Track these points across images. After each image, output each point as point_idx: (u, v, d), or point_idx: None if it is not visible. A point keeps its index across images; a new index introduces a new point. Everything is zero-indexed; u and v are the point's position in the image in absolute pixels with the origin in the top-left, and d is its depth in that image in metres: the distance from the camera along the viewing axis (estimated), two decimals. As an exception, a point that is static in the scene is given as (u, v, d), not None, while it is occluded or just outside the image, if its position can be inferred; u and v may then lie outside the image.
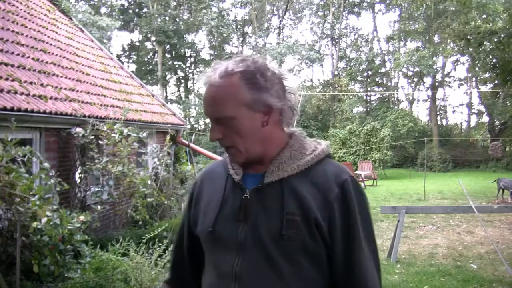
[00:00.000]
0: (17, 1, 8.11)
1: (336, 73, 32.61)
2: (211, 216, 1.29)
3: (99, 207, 5.71)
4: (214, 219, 1.28)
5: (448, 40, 25.91)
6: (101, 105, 7.16)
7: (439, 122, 30.85)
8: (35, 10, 8.60)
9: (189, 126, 13.88)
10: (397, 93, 33.47)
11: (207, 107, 1.25)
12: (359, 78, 33.71)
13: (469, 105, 32.53)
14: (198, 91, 36.73)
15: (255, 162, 1.27)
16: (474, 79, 29.77)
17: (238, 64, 1.22)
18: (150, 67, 34.24)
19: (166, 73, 33.39)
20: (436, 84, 30.39)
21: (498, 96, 25.45)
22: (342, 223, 1.20)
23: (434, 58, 27.41)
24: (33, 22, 7.85)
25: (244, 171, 1.30)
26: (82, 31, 10.39)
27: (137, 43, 35.71)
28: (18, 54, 6.14)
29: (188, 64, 35.46)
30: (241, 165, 1.30)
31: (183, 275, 1.46)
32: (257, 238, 1.21)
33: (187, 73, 35.78)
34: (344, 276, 1.21)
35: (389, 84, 34.31)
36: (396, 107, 30.82)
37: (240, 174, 1.30)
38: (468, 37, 17.39)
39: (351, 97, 29.57)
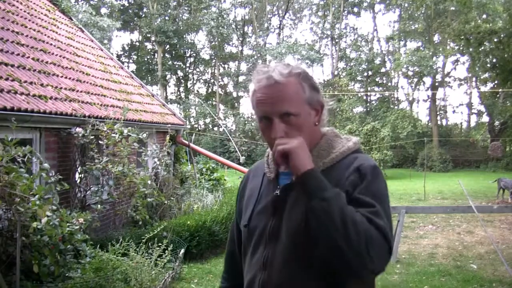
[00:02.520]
0: (17, 1, 8.11)
1: (336, 73, 32.62)
2: (249, 210, 1.43)
3: (99, 207, 5.71)
4: (250, 214, 1.41)
5: (448, 40, 25.91)
6: (101, 105, 7.16)
7: (439, 122, 30.86)
8: (35, 10, 8.60)
9: (189, 126, 13.88)
10: (397, 93, 33.49)
11: (270, 105, 1.28)
12: (359, 78, 33.73)
13: (469, 105, 32.55)
14: (198, 91, 36.75)
15: None
16: (474, 79, 29.77)
17: (293, 66, 1.32)
18: (150, 67, 34.25)
19: (166, 73, 33.40)
20: (436, 84, 30.40)
21: (498, 96, 25.44)
22: (352, 193, 1.23)
23: (434, 58, 27.41)
24: (33, 22, 7.85)
25: (279, 169, 1.37)
26: (82, 31, 10.39)
27: (137, 43, 35.73)
28: (18, 54, 6.14)
29: (188, 64, 35.47)
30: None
31: (235, 268, 1.56)
32: (284, 231, 1.30)
33: (187, 73, 35.79)
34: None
35: (389, 84, 34.31)
36: (396, 107, 30.82)
37: (274, 173, 1.41)
38: (468, 37, 17.38)
39: (351, 97, 29.57)
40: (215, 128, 32.53)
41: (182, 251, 6.01)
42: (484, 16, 21.27)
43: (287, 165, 1.24)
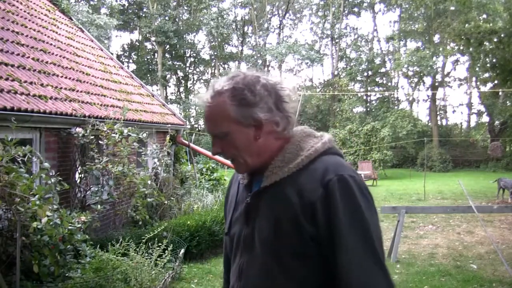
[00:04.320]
0: (17, 1, 8.11)
1: (336, 73, 32.60)
2: (228, 218, 1.43)
3: (99, 207, 5.71)
4: (229, 221, 1.41)
5: (448, 40, 25.90)
6: (101, 105, 7.16)
7: (439, 122, 30.85)
8: (35, 10, 8.60)
9: (189, 126, 13.87)
10: (397, 93, 33.47)
11: (205, 124, 1.34)
12: (359, 78, 33.70)
13: (469, 105, 32.54)
14: (198, 91, 36.73)
15: (257, 171, 1.32)
16: (474, 79, 29.74)
17: (227, 82, 1.28)
18: (150, 67, 34.24)
19: (166, 73, 33.39)
20: (436, 84, 30.39)
21: (498, 96, 25.43)
22: (325, 224, 1.18)
23: (434, 58, 27.41)
24: (33, 22, 7.85)
25: (253, 176, 1.37)
26: (82, 31, 10.39)
27: (137, 43, 35.71)
28: (18, 54, 6.14)
29: (188, 64, 35.46)
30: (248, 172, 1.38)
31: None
32: (254, 241, 1.28)
33: (187, 73, 35.79)
34: (336, 277, 1.18)
35: (389, 84, 34.30)
36: (396, 107, 30.81)
37: (248, 178, 1.38)
38: (468, 37, 17.36)
39: (351, 97, 29.56)
40: (215, 128, 32.42)
41: (182, 251, 6.01)
42: (484, 16, 21.26)
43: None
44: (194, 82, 37.53)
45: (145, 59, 35.20)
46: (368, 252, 1.16)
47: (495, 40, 17.03)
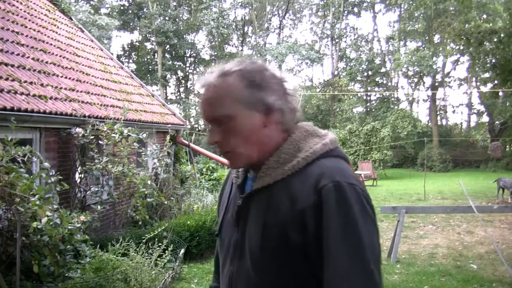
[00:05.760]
0: (17, 1, 8.11)
1: (336, 73, 32.62)
2: (220, 219, 1.31)
3: (99, 207, 5.71)
4: (220, 223, 1.30)
5: (448, 40, 25.91)
6: (101, 105, 7.16)
7: (439, 122, 30.86)
8: (35, 10, 8.59)
9: (189, 126, 13.86)
10: (397, 93, 33.48)
11: (204, 108, 1.18)
12: (359, 78, 33.71)
13: (469, 105, 32.55)
14: (198, 91, 36.69)
15: (254, 165, 1.20)
16: (474, 79, 29.75)
17: (235, 64, 1.19)
18: (150, 67, 34.23)
19: (166, 73, 33.38)
20: (436, 84, 30.41)
21: (498, 96, 25.44)
22: (314, 235, 1.05)
23: (434, 58, 27.43)
24: (33, 22, 7.85)
25: (247, 174, 1.26)
26: (82, 31, 10.39)
27: (137, 43, 35.72)
28: (18, 54, 6.14)
29: (188, 64, 35.47)
30: (245, 167, 1.26)
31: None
32: (243, 247, 1.17)
33: (187, 73, 35.78)
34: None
35: (389, 84, 34.32)
36: (396, 107, 30.83)
37: (241, 178, 1.26)
38: (468, 36, 17.37)
39: (351, 97, 29.58)
40: (215, 128, 32.45)
41: (182, 251, 6.01)
42: (484, 16, 21.27)
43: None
44: (194, 82, 37.52)
45: (145, 59, 35.21)
46: (358, 275, 1.01)
47: (495, 40, 17.03)
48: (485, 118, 30.01)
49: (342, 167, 1.13)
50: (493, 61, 18.58)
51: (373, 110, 32.23)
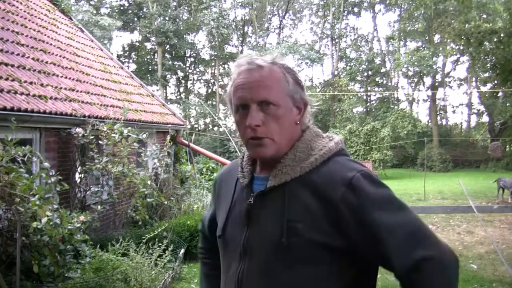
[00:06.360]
0: (17, 1, 8.11)
1: (336, 73, 32.62)
2: (222, 219, 1.29)
3: (99, 207, 5.71)
4: (223, 223, 1.27)
5: (448, 40, 25.92)
6: (101, 105, 7.16)
7: (439, 122, 30.87)
8: (35, 10, 8.59)
9: (189, 126, 13.87)
10: (397, 93, 33.50)
11: (249, 90, 1.16)
12: (359, 78, 33.74)
13: (469, 105, 32.56)
14: (198, 91, 36.76)
15: (273, 160, 1.20)
16: (474, 79, 29.77)
17: (279, 57, 1.22)
18: (150, 67, 34.23)
19: (166, 73, 33.38)
20: (436, 84, 30.43)
21: (498, 96, 25.45)
22: (355, 221, 1.08)
23: (434, 58, 27.44)
24: (33, 22, 7.85)
25: (254, 173, 1.26)
26: (82, 31, 10.39)
27: (137, 43, 35.72)
28: (18, 54, 6.14)
29: (188, 64, 35.47)
30: (261, 162, 1.26)
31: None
32: (258, 245, 1.17)
33: (187, 73, 35.78)
34: (392, 267, 1.07)
35: (389, 84, 34.33)
36: (396, 107, 30.84)
37: (248, 177, 1.26)
38: (468, 36, 17.38)
39: (351, 97, 29.59)
40: (215, 128, 32.51)
41: (182, 251, 6.01)
42: (484, 16, 21.28)
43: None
44: (194, 82, 37.55)
45: (145, 59, 35.21)
46: (417, 228, 1.08)
47: (495, 40, 17.03)
48: (485, 118, 30.04)
49: (352, 162, 1.20)
50: (493, 61, 18.58)
51: (373, 110, 32.25)
